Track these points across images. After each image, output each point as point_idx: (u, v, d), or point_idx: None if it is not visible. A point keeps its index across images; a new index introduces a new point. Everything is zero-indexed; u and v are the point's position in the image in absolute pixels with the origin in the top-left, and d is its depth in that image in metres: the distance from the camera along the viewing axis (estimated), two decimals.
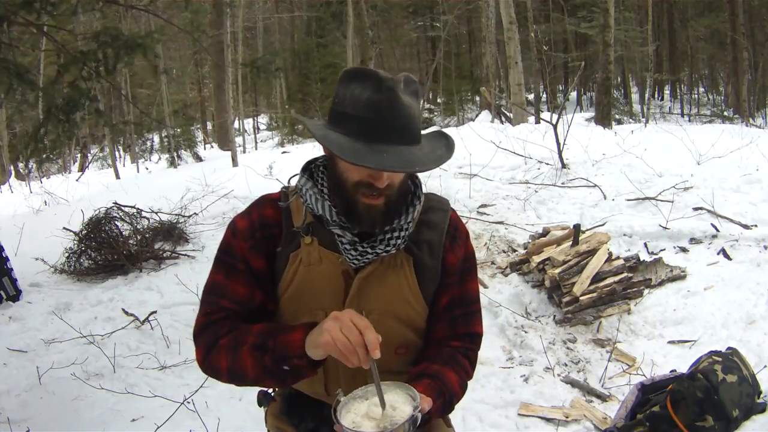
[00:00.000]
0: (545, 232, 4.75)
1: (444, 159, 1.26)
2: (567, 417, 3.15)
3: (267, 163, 7.42)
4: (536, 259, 4.32)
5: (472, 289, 1.45)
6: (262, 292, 1.36)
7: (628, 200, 5.33)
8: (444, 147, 1.30)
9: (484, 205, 5.58)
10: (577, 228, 4.26)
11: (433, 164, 1.23)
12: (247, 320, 1.35)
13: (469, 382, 1.42)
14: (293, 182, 1.42)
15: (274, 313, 1.41)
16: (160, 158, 17.71)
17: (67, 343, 3.88)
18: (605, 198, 5.45)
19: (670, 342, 3.74)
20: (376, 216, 1.28)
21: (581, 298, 4.00)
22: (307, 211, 1.35)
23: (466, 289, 1.43)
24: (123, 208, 5.51)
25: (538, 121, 9.24)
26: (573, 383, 3.45)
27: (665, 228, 4.75)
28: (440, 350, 1.40)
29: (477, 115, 16.43)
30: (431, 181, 5.77)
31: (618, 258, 4.31)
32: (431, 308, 1.41)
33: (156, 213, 5.70)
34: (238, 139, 17.32)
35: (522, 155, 6.57)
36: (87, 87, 4.48)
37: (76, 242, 5.10)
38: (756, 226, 4.65)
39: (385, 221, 1.30)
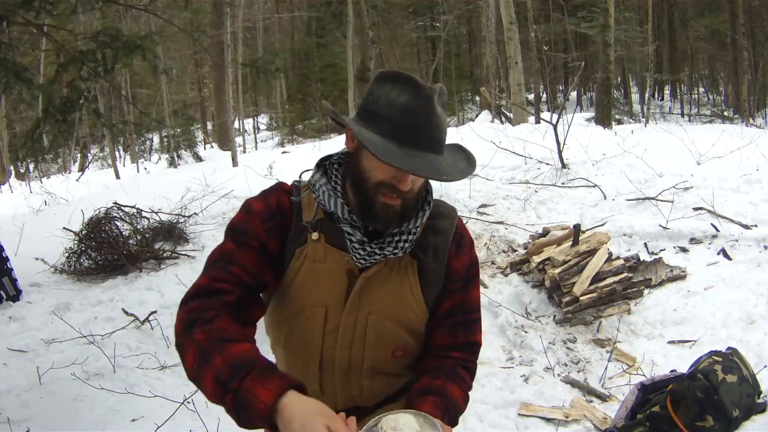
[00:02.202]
0: (545, 232, 4.74)
1: (467, 173, 1.29)
2: (567, 417, 3.15)
3: (267, 163, 7.42)
4: (536, 259, 4.32)
5: (474, 297, 1.45)
6: (271, 274, 1.33)
7: (628, 200, 5.33)
8: (465, 161, 1.32)
9: (484, 205, 5.58)
10: (577, 228, 4.26)
11: (459, 176, 1.26)
12: (251, 295, 1.30)
13: (469, 393, 1.42)
14: (305, 177, 1.42)
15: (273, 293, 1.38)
16: (159, 158, 17.71)
17: (67, 343, 3.87)
18: (605, 198, 5.44)
19: (670, 342, 3.74)
20: (392, 216, 1.28)
21: (581, 298, 4.00)
22: (318, 207, 1.35)
23: (468, 297, 1.43)
24: (123, 208, 5.51)
25: (538, 121, 9.24)
26: (573, 383, 3.45)
27: (665, 228, 4.75)
28: (441, 363, 1.40)
29: (477, 115, 16.42)
30: (431, 182, 5.77)
31: (618, 258, 4.31)
32: (432, 313, 1.41)
33: (156, 213, 5.70)
34: (238, 139, 17.32)
35: (522, 155, 6.57)
36: (85, 87, 4.48)
37: (76, 242, 5.10)
38: (756, 226, 4.65)
39: (400, 222, 1.31)
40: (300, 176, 1.43)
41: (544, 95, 21.74)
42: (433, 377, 1.36)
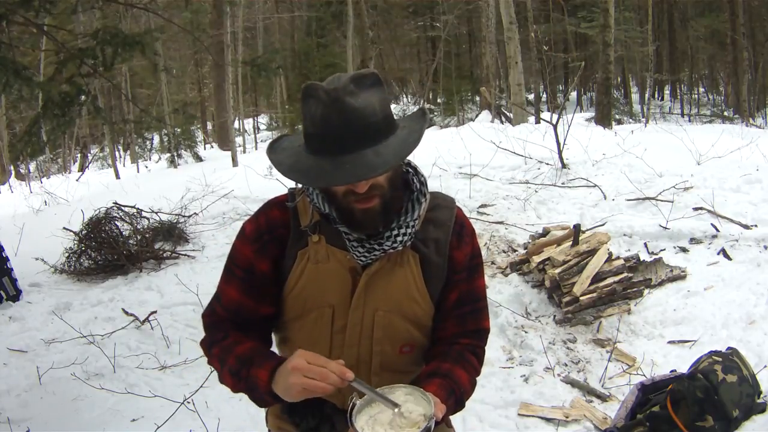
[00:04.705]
0: (545, 232, 4.74)
1: (412, 148, 1.22)
2: (567, 417, 3.15)
3: (267, 163, 7.40)
4: (536, 259, 4.32)
5: (479, 285, 1.46)
6: (255, 300, 1.39)
7: (628, 200, 5.33)
8: (418, 131, 1.27)
9: (484, 205, 5.58)
10: (577, 228, 4.26)
11: (399, 159, 1.22)
12: (238, 326, 1.40)
13: (477, 378, 1.44)
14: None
15: (271, 316, 1.43)
16: (160, 158, 17.71)
17: (67, 343, 3.87)
18: (605, 198, 5.44)
19: (670, 342, 3.74)
20: (375, 217, 1.28)
21: (581, 298, 4.00)
22: (315, 210, 1.36)
23: (473, 286, 1.44)
24: (123, 208, 5.52)
25: (538, 121, 9.24)
26: (573, 383, 3.45)
27: (665, 228, 4.75)
28: (449, 348, 1.42)
29: (477, 115, 16.42)
30: (431, 182, 5.75)
31: (618, 258, 4.30)
32: (439, 306, 1.42)
33: (156, 213, 5.70)
34: (238, 139, 17.31)
35: (522, 155, 6.57)
36: (84, 83, 4.49)
37: (76, 242, 5.10)
38: (756, 226, 4.65)
39: (385, 220, 1.31)
40: (296, 183, 1.45)
41: (544, 95, 21.73)
42: (442, 361, 1.38)
